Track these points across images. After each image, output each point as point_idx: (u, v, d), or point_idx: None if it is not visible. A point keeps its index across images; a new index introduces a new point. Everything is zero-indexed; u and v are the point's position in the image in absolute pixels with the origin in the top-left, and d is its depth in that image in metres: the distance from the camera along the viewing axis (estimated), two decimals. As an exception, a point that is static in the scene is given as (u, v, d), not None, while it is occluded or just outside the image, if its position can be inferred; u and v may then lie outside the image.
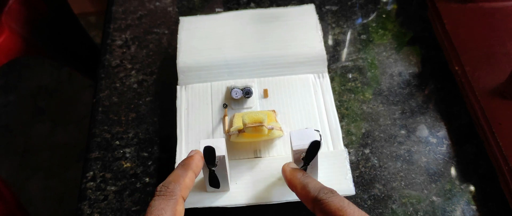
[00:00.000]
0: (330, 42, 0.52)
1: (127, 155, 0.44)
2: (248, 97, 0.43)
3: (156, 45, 0.53)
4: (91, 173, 0.43)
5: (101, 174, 0.43)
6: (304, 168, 0.35)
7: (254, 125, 0.37)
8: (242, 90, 0.43)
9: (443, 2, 0.51)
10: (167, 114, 0.47)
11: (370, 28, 0.53)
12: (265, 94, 0.44)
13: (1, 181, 0.75)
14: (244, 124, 0.37)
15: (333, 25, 0.54)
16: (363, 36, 0.52)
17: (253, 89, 0.43)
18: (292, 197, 0.36)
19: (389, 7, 0.55)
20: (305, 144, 0.34)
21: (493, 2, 0.50)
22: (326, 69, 0.45)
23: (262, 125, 0.37)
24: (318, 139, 0.35)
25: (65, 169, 1.23)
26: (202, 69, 0.45)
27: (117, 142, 0.45)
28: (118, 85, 0.50)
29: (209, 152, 0.33)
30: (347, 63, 0.50)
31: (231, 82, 0.45)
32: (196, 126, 0.42)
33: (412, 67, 0.49)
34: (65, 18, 0.94)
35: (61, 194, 1.18)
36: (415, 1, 0.56)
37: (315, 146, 0.33)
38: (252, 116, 0.38)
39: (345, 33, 0.53)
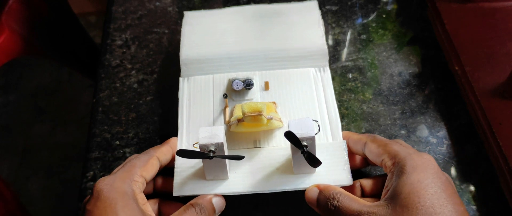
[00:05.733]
0: (330, 42, 0.52)
1: (127, 155, 0.44)
2: (249, 89, 0.43)
3: (156, 45, 0.53)
4: (91, 173, 0.43)
5: (101, 174, 0.43)
6: (304, 155, 0.35)
7: (253, 114, 0.37)
8: (243, 81, 0.43)
9: (443, 2, 0.51)
10: (167, 114, 0.47)
11: (370, 28, 0.53)
12: (266, 86, 0.44)
13: (1, 181, 0.75)
14: (243, 113, 0.38)
15: (333, 25, 0.54)
16: (363, 36, 0.52)
17: (254, 81, 0.44)
18: (290, 186, 0.37)
19: (389, 7, 0.55)
20: (303, 133, 0.34)
21: (493, 2, 0.50)
22: (327, 63, 0.45)
23: (261, 115, 0.37)
24: (316, 130, 0.35)
25: (65, 169, 1.23)
26: (205, 61, 0.45)
27: (117, 142, 0.45)
28: (118, 85, 0.50)
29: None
30: (347, 63, 0.50)
31: (233, 75, 0.45)
32: (198, 116, 0.43)
33: (412, 67, 0.49)
34: (65, 18, 0.94)
35: (61, 194, 1.18)
36: (415, 1, 0.56)
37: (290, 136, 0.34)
38: (251, 105, 0.38)
39: (345, 33, 0.53)
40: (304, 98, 0.43)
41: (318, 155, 0.35)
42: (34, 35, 0.79)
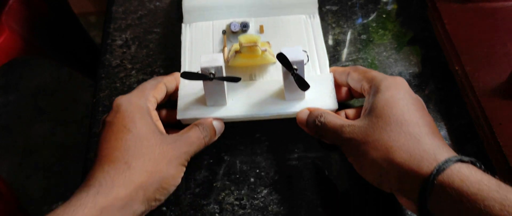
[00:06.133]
0: (330, 42, 0.52)
1: (127, 155, 0.44)
2: (245, 30, 0.48)
3: (156, 45, 0.53)
4: (91, 173, 0.43)
5: (101, 174, 0.43)
6: (294, 77, 0.38)
7: (249, 45, 0.42)
8: (240, 24, 0.49)
9: (443, 2, 0.51)
10: (167, 114, 0.47)
11: (370, 28, 0.53)
12: (261, 29, 0.49)
13: (1, 181, 0.75)
14: (240, 44, 0.42)
15: (333, 25, 0.54)
16: (363, 36, 0.52)
17: (250, 25, 0.49)
18: (282, 110, 0.41)
19: (389, 7, 0.56)
20: (293, 57, 0.38)
21: (493, 2, 0.50)
22: (317, 10, 0.50)
23: (256, 45, 0.42)
24: (305, 57, 0.42)
25: (65, 169, 1.23)
26: (205, 9, 0.50)
27: (117, 142, 0.45)
28: (118, 85, 0.50)
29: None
30: (347, 63, 0.50)
31: (231, 20, 0.50)
32: (198, 56, 0.47)
33: (412, 67, 0.49)
34: (65, 18, 0.94)
35: (62, 194, 1.18)
36: (415, 1, 0.56)
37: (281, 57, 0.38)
38: (247, 37, 0.42)
39: (345, 33, 0.53)
40: (295, 39, 0.48)
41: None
42: (34, 35, 0.79)
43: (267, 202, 0.40)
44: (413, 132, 0.33)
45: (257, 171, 0.42)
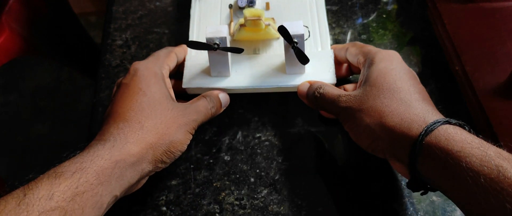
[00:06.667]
0: (330, 42, 0.52)
1: (127, 155, 0.44)
2: (251, 6, 0.50)
3: (156, 45, 0.53)
4: (91, 173, 0.43)
5: (101, 174, 0.43)
6: (294, 51, 0.40)
7: (253, 18, 0.43)
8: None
9: (443, 2, 0.51)
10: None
11: (370, 28, 0.53)
12: (267, 6, 0.51)
13: (1, 180, 0.75)
14: (245, 18, 0.44)
15: (334, 25, 0.54)
16: (364, 36, 0.52)
17: (256, 1, 0.50)
18: (283, 83, 0.43)
19: (389, 7, 0.55)
20: (294, 31, 0.39)
21: (493, 2, 0.50)
22: None
23: (260, 19, 0.43)
24: (306, 32, 0.44)
25: (65, 169, 1.22)
26: None
27: (117, 142, 0.45)
28: (118, 85, 0.50)
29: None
30: (347, 63, 0.50)
31: None
32: (205, 31, 0.48)
33: (412, 67, 0.49)
34: (65, 18, 0.93)
35: (61, 194, 1.18)
36: (415, 1, 0.56)
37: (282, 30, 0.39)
38: (252, 10, 0.44)
39: (345, 33, 0.53)
40: (299, 16, 0.49)
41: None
42: (34, 35, 0.79)
43: (267, 202, 0.40)
44: (405, 98, 0.35)
45: (257, 171, 0.42)
